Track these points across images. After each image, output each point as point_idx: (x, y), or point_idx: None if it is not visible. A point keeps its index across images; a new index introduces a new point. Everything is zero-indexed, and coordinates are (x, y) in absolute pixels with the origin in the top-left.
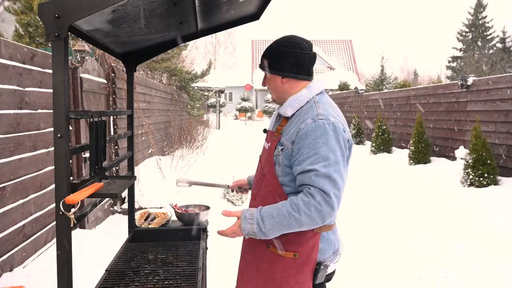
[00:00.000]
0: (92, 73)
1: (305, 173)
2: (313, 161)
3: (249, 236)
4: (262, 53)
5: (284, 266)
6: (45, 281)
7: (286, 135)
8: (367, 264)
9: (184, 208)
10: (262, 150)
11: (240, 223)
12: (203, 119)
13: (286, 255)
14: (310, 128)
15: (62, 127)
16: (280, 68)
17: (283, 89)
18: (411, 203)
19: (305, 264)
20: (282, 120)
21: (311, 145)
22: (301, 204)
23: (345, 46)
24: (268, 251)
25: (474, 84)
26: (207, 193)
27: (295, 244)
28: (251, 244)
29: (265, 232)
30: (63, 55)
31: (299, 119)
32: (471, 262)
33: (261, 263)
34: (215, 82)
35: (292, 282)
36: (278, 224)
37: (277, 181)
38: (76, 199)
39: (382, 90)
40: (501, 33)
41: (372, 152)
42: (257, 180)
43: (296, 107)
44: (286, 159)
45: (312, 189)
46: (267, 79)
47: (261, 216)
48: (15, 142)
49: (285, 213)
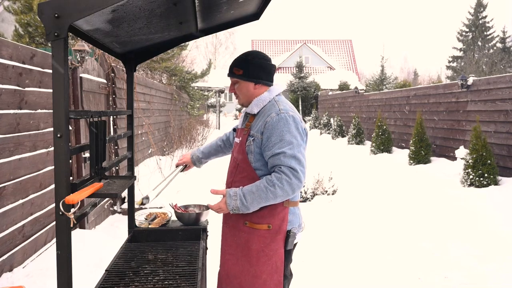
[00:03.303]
0: (92, 73)
1: (275, 156)
2: (280, 146)
3: (233, 211)
4: (232, 64)
5: (260, 237)
6: (45, 281)
7: (255, 128)
8: (367, 264)
9: (184, 208)
10: (233, 146)
11: (225, 200)
12: (203, 119)
13: (261, 227)
14: (275, 120)
15: (62, 127)
16: (254, 76)
17: (253, 93)
18: (411, 203)
19: (277, 233)
20: (249, 117)
21: (277, 133)
22: (275, 180)
23: (345, 46)
24: (245, 227)
25: (474, 84)
26: (207, 193)
27: (268, 217)
28: (230, 224)
29: (247, 205)
30: (63, 55)
31: (264, 114)
32: (471, 262)
33: (239, 239)
34: (215, 82)
35: (267, 249)
36: (257, 198)
37: (251, 167)
38: (76, 199)
39: (382, 90)
40: (501, 33)
41: (372, 152)
42: (231, 170)
43: (260, 106)
44: (257, 147)
45: (282, 167)
46: (239, 85)
47: (243, 192)
48: (14, 142)
49: (263, 188)
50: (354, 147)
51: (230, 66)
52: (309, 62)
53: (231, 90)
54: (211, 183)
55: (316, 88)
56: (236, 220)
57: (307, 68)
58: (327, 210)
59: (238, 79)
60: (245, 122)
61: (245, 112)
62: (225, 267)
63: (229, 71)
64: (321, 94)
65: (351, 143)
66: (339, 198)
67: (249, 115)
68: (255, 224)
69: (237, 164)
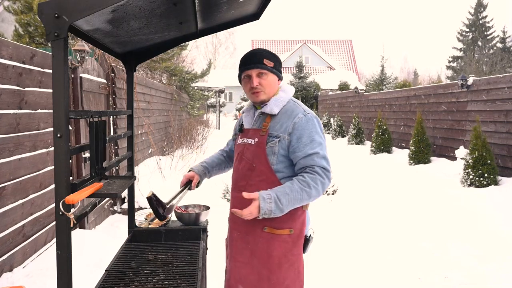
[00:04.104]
0: (92, 73)
1: (308, 157)
2: (312, 146)
3: (263, 216)
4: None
5: (281, 242)
6: (45, 281)
7: (279, 129)
8: (367, 264)
9: (184, 208)
10: (240, 147)
11: (258, 204)
12: (203, 119)
13: (283, 232)
14: (304, 121)
15: (62, 127)
16: (280, 71)
17: (275, 89)
18: (411, 203)
19: (298, 238)
20: (266, 118)
21: (306, 134)
22: (309, 180)
23: (345, 46)
24: (264, 232)
25: (474, 84)
26: (207, 193)
27: (289, 221)
28: (242, 230)
29: (282, 208)
30: (63, 55)
31: (287, 115)
32: (471, 262)
33: (255, 245)
34: (215, 82)
35: (289, 255)
36: (292, 200)
37: (271, 169)
38: (76, 199)
39: (382, 90)
40: (501, 33)
41: (372, 152)
42: (244, 173)
43: (280, 106)
44: (282, 148)
45: (316, 168)
46: (268, 78)
47: (277, 195)
48: (14, 142)
49: (298, 189)
50: (354, 147)
51: (257, 58)
52: (309, 62)
53: (256, 83)
54: (211, 183)
55: (316, 88)
56: (251, 226)
57: (307, 68)
58: (327, 210)
59: (268, 71)
60: (257, 122)
61: (260, 112)
62: (237, 276)
63: (257, 61)
64: (321, 94)
65: (351, 143)
66: (339, 198)
67: (266, 115)
68: (276, 229)
69: (253, 167)
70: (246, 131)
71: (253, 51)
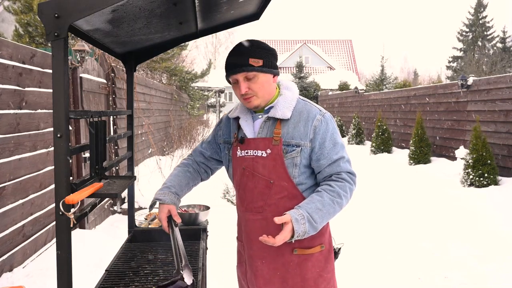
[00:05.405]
0: (92, 73)
1: (334, 163)
2: (337, 151)
3: (295, 239)
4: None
5: (314, 261)
6: (45, 281)
7: (297, 136)
8: (367, 264)
9: (184, 208)
10: (246, 161)
11: (291, 227)
12: (203, 119)
13: (314, 250)
14: (324, 123)
15: (62, 127)
16: (274, 66)
17: (272, 88)
18: (411, 203)
19: (329, 252)
20: (276, 123)
21: (329, 137)
22: (339, 189)
23: (345, 46)
24: (294, 255)
25: (474, 84)
26: (207, 193)
27: (319, 237)
28: (267, 258)
29: (316, 226)
30: (63, 55)
31: (303, 117)
32: (471, 262)
33: (287, 271)
34: (215, 82)
35: (324, 273)
36: (326, 215)
37: (293, 183)
38: (76, 199)
39: (382, 90)
40: (501, 33)
41: (372, 152)
42: (261, 191)
43: (291, 108)
44: (305, 158)
45: (342, 174)
46: (258, 80)
47: (309, 213)
48: (14, 142)
49: (329, 202)
50: (354, 147)
51: (242, 59)
52: (309, 62)
53: (245, 89)
54: (211, 183)
55: (316, 88)
56: (278, 251)
57: (307, 68)
58: None
59: (257, 72)
60: (264, 129)
61: (266, 117)
62: None
63: (242, 63)
64: (321, 94)
65: (351, 143)
66: None
67: (275, 121)
68: (307, 249)
69: (270, 184)
70: (251, 142)
71: (237, 48)
